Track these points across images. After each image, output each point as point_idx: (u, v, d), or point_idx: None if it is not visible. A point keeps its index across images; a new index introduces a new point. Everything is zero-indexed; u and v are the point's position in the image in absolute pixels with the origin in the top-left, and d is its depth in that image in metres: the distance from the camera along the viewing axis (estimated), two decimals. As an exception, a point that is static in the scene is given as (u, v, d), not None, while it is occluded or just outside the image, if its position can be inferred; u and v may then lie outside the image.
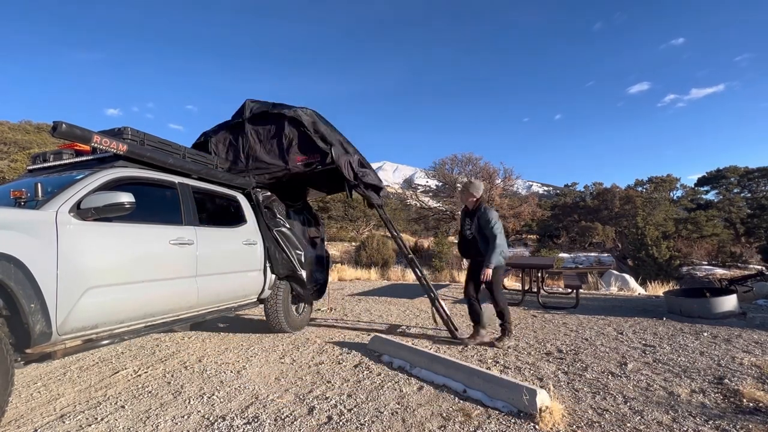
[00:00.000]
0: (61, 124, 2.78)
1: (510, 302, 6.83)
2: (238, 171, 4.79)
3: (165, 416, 2.62)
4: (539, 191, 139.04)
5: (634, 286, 9.35)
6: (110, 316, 2.78)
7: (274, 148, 4.81)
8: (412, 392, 2.94)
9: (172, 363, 3.75)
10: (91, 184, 2.84)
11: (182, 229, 3.44)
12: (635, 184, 34.30)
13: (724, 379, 3.06)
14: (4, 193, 2.95)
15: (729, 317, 5.10)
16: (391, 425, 2.45)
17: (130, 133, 3.46)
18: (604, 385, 3.01)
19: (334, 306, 6.94)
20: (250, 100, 5.06)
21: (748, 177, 32.26)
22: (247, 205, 4.57)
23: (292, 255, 4.61)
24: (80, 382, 3.30)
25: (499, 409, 2.60)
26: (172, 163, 3.65)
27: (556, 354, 3.86)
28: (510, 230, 30.73)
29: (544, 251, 24.70)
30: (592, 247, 29.45)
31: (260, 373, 3.44)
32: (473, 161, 26.54)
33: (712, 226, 27.35)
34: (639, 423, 2.41)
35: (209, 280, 3.65)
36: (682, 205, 34.81)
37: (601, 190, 33.33)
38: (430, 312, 5.77)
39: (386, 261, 18.18)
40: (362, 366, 3.56)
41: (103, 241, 2.76)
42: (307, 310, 5.26)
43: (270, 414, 2.62)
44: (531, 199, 29.01)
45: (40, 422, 2.56)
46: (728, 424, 2.34)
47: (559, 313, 5.98)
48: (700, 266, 22.73)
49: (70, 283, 2.49)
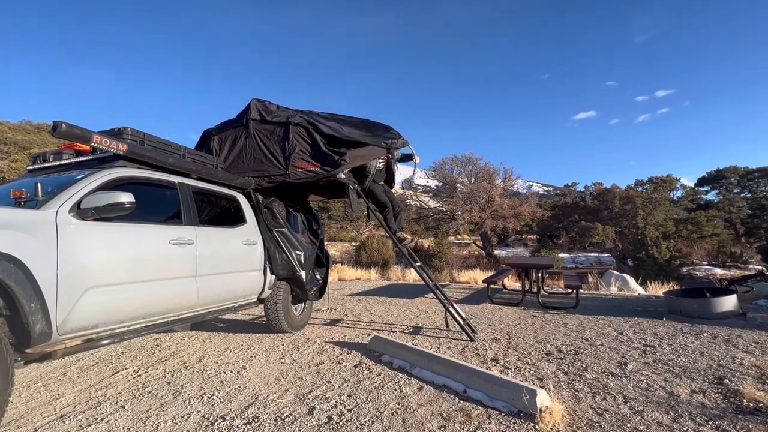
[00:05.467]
0: (61, 124, 2.78)
1: (510, 302, 6.84)
2: (239, 172, 4.78)
3: (165, 416, 2.62)
4: (539, 191, 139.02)
5: (634, 286, 9.35)
6: (110, 316, 2.78)
7: (277, 152, 4.77)
8: (412, 392, 2.94)
9: (172, 363, 3.74)
10: (91, 184, 2.84)
11: (182, 229, 3.44)
12: (635, 184, 34.27)
13: (724, 379, 3.05)
14: (5, 193, 2.95)
15: (729, 317, 5.10)
16: (391, 425, 2.45)
17: (130, 133, 3.45)
18: (604, 386, 3.00)
19: (334, 306, 6.93)
20: (256, 100, 5.02)
21: (748, 177, 32.25)
22: (247, 205, 4.56)
23: (291, 255, 4.61)
24: (80, 382, 3.30)
25: (499, 409, 2.60)
26: (172, 163, 3.65)
27: (556, 354, 3.86)
28: (510, 230, 30.73)
29: (544, 251, 24.70)
30: (592, 247, 29.44)
31: (260, 373, 3.44)
32: (473, 161, 26.52)
33: (712, 226, 27.34)
34: (639, 423, 2.41)
35: (209, 280, 3.65)
36: (682, 206, 34.79)
37: (601, 190, 33.30)
38: (430, 312, 5.78)
39: (386, 261, 18.19)
40: (362, 366, 3.56)
41: (103, 241, 2.76)
42: (307, 310, 5.26)
43: (270, 414, 2.62)
44: (531, 199, 28.97)
45: (40, 422, 2.56)
46: (728, 425, 2.34)
47: (559, 313, 5.97)
48: (700, 266, 22.74)
49: (70, 282, 2.49)
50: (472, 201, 25.16)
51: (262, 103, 5.00)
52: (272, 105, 5.01)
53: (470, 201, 25.22)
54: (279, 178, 4.73)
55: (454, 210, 25.89)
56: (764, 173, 31.20)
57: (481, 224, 25.11)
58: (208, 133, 5.12)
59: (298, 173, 4.70)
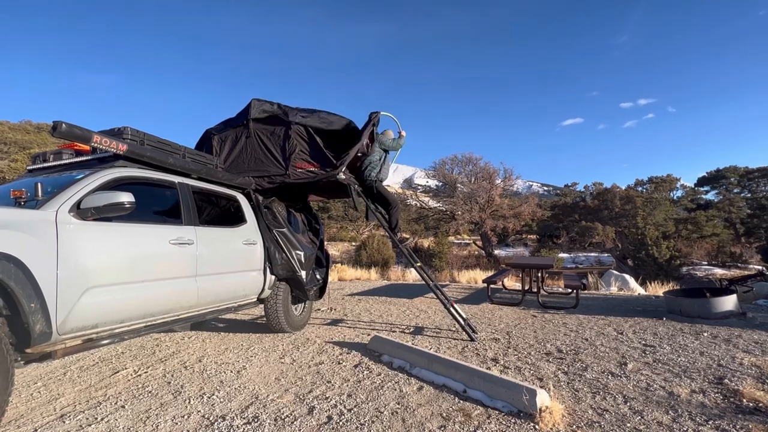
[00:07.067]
0: (60, 124, 2.78)
1: (510, 302, 6.84)
2: (239, 172, 4.77)
3: (165, 416, 2.62)
4: (539, 191, 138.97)
5: (634, 286, 9.35)
6: (110, 316, 2.78)
7: (277, 152, 4.77)
8: (412, 392, 2.94)
9: (172, 363, 3.74)
10: (91, 184, 2.84)
11: (182, 228, 3.43)
12: (635, 184, 34.26)
13: (724, 379, 3.05)
14: (4, 193, 2.95)
15: (729, 317, 5.10)
16: (391, 425, 2.45)
17: (130, 133, 3.45)
18: (604, 385, 3.00)
19: (334, 306, 6.93)
20: (256, 99, 5.01)
21: (748, 177, 32.23)
22: (246, 204, 4.56)
23: (291, 255, 4.61)
24: (80, 381, 3.30)
25: (499, 409, 2.60)
26: (172, 163, 3.65)
27: (556, 354, 3.86)
28: (510, 230, 30.72)
29: (544, 251, 24.69)
30: (592, 247, 29.43)
31: (260, 373, 3.44)
32: (473, 161, 26.48)
33: (712, 226, 27.32)
34: (639, 423, 2.41)
35: (209, 279, 3.65)
36: (682, 205, 34.78)
37: (601, 190, 33.27)
38: (430, 312, 5.78)
39: (386, 261, 18.19)
40: (362, 366, 3.56)
41: (103, 241, 2.76)
42: (307, 310, 5.26)
43: (270, 414, 2.62)
44: (531, 199, 28.94)
45: (40, 422, 2.56)
46: (728, 424, 2.34)
47: (559, 313, 5.97)
48: (700, 266, 22.72)
49: (70, 282, 2.49)
50: (472, 201, 25.15)
51: (263, 103, 5.00)
52: (273, 104, 5.00)
53: (470, 201, 25.21)
54: (279, 178, 4.73)
55: (454, 210, 25.87)
56: (764, 173, 31.19)
57: (481, 224, 25.10)
58: (209, 132, 5.12)
59: (298, 173, 4.70)
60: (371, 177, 5.27)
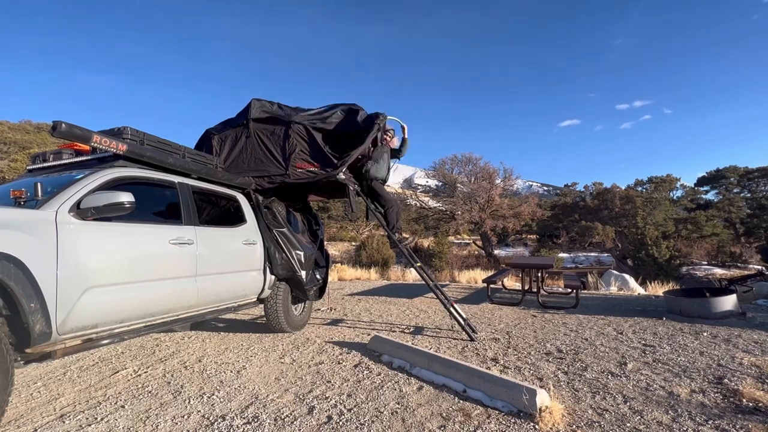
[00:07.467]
0: (60, 124, 2.78)
1: (510, 302, 6.84)
2: (239, 171, 4.77)
3: (165, 416, 2.62)
4: (539, 191, 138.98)
5: (634, 286, 9.36)
6: (110, 316, 2.78)
7: (277, 152, 4.77)
8: (412, 392, 2.94)
9: (172, 363, 3.75)
10: (90, 184, 2.84)
11: (182, 228, 3.43)
12: (635, 184, 34.26)
13: (723, 378, 3.06)
14: (4, 193, 2.95)
15: (729, 317, 5.10)
16: (391, 425, 2.45)
17: (130, 133, 3.45)
18: (603, 385, 3.01)
19: (334, 306, 6.93)
20: (255, 99, 5.01)
21: (748, 177, 32.24)
22: (246, 204, 4.56)
23: (291, 255, 4.61)
24: (80, 381, 3.30)
25: (498, 409, 2.60)
26: (172, 163, 3.65)
27: (556, 354, 3.86)
28: (510, 230, 30.72)
29: (544, 251, 24.69)
30: (592, 247, 29.43)
31: (260, 372, 3.44)
32: (473, 161, 26.50)
33: (712, 226, 27.33)
34: (639, 423, 2.41)
35: (209, 279, 3.65)
36: (682, 205, 34.78)
37: (601, 190, 33.27)
38: (429, 312, 5.78)
39: (386, 261, 18.19)
40: (362, 366, 3.56)
41: (102, 241, 2.76)
42: (307, 310, 5.26)
43: (270, 414, 2.62)
44: (531, 199, 28.93)
45: (40, 422, 2.56)
46: (728, 424, 2.34)
47: (559, 312, 5.98)
48: (699, 266, 22.73)
49: (69, 282, 2.49)
50: (471, 201, 25.16)
51: (263, 103, 5.00)
52: (273, 104, 5.00)
53: (470, 201, 25.22)
54: (279, 178, 4.73)
55: (454, 210, 25.87)
56: (764, 173, 31.20)
57: (481, 224, 25.10)
58: (209, 132, 5.11)
59: (298, 173, 4.70)
60: (369, 175, 5.27)
